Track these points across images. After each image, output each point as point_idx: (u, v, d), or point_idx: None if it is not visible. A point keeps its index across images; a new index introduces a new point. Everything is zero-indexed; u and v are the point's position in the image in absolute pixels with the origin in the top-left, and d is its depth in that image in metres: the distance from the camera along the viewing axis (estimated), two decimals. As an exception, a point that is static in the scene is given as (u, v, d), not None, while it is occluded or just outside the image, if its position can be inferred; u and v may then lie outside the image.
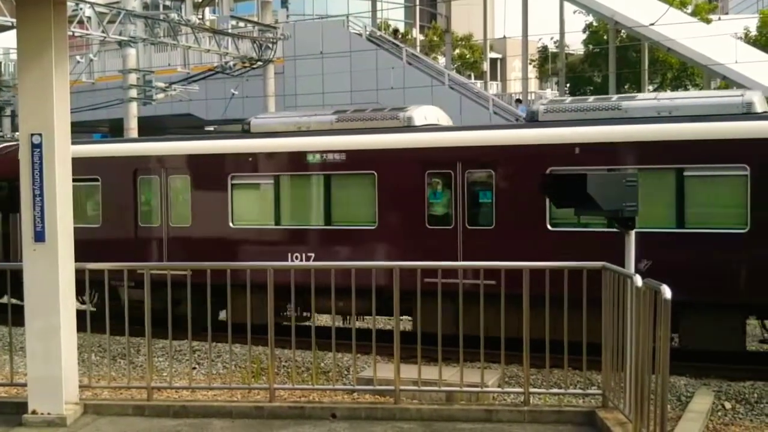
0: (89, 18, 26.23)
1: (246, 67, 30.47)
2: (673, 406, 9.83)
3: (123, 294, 8.78)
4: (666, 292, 6.31)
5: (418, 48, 45.24)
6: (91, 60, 31.88)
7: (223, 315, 11.73)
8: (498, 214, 13.09)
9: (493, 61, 55.32)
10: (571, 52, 46.47)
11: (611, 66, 36.90)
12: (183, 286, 8.94)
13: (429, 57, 42.87)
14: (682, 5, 38.52)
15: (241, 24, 32.04)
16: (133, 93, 26.92)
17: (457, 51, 51.57)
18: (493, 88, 50.24)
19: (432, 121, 14.66)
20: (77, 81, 28.41)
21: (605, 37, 39.57)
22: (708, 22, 36.72)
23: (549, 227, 12.71)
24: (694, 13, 38.51)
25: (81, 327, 8.84)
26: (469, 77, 47.43)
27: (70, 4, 23.21)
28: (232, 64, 30.25)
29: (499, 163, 13.13)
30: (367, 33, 36.66)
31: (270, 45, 30.65)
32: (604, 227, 11.63)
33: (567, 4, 37.47)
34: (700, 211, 12.26)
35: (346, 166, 14.08)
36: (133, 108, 26.95)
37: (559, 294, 8.21)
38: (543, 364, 8.78)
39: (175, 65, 35.42)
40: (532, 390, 8.63)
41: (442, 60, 46.03)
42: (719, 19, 39.59)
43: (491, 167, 13.18)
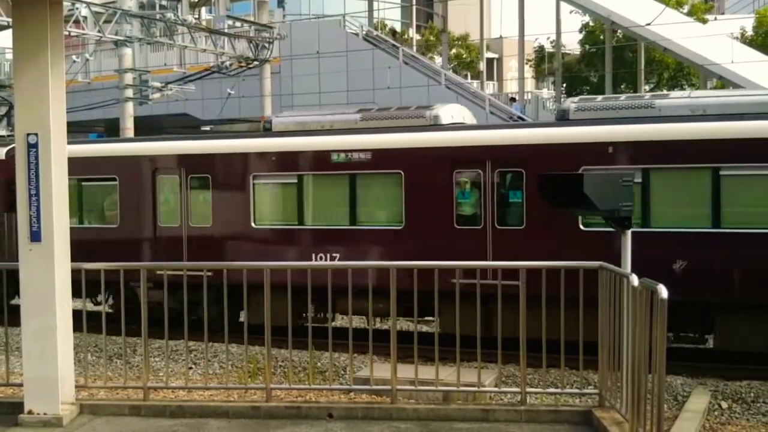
0: (85, 18, 26.14)
1: (242, 67, 30.43)
2: (670, 405, 9.84)
3: (140, 295, 8.70)
4: (662, 291, 6.31)
5: (414, 48, 45.26)
6: (87, 60, 31.80)
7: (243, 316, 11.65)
8: (529, 214, 12.89)
9: (490, 61, 55.44)
10: (568, 51, 46.56)
11: (608, 66, 36.95)
12: (206, 287, 8.83)
13: (425, 57, 42.91)
14: (678, 5, 38.60)
15: (238, 24, 31.98)
16: (129, 93, 26.89)
17: (454, 51, 51.67)
18: (490, 87, 50.35)
19: (458, 120, 14.46)
20: (73, 81, 28.46)
21: (601, 37, 39.62)
22: (704, 22, 36.84)
23: (582, 227, 12.53)
24: (690, 13, 38.59)
25: (77, 327, 8.82)
26: (466, 77, 47.52)
27: (66, 3, 23.19)
28: (228, 63, 30.24)
29: (530, 162, 12.75)
30: (364, 33, 36.69)
31: (266, 45, 30.63)
32: (638, 227, 11.19)
33: (563, 4, 37.51)
34: (736, 211, 12.08)
35: (372, 165, 13.89)
36: (129, 108, 26.94)
37: (557, 293, 8.19)
38: (540, 363, 8.76)
39: (172, 65, 35.38)
40: (528, 390, 8.60)
41: (438, 60, 46.09)
42: (715, 19, 39.75)
43: (522, 166, 12.94)
